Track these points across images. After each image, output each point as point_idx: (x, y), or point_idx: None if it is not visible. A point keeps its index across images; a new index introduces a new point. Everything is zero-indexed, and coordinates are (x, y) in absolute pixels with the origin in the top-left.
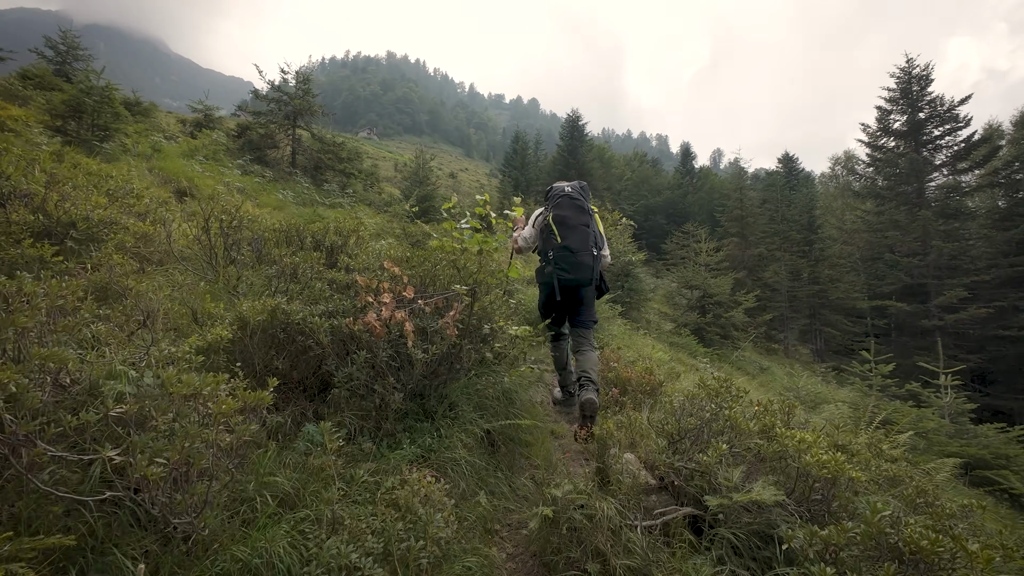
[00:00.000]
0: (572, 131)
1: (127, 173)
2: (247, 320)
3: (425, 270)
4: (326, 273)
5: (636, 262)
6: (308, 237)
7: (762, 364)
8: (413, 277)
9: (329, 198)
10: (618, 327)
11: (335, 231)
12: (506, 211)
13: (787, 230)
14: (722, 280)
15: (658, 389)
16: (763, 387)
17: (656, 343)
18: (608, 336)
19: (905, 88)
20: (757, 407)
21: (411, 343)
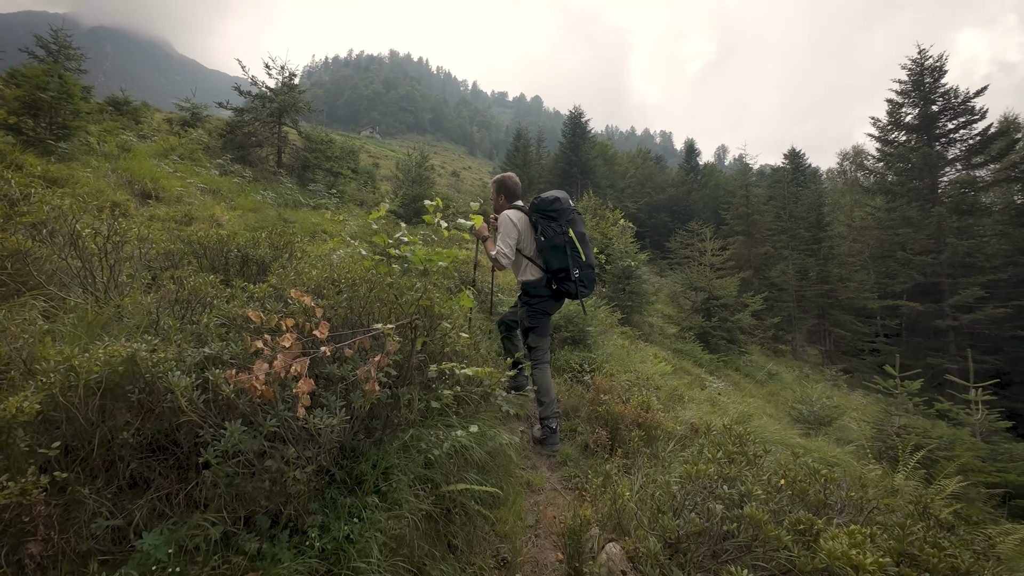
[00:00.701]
0: (574, 128)
1: (78, 174)
2: (81, 376)
3: (355, 299)
4: (229, 302)
5: (638, 264)
6: (234, 250)
7: (770, 369)
8: (336, 308)
9: (314, 199)
10: (615, 341)
11: (269, 242)
12: (460, 219)
13: (795, 227)
14: (728, 281)
15: (656, 429)
16: (772, 397)
17: (659, 351)
18: (602, 356)
19: (917, 80)
20: (783, 479)
21: (302, 412)
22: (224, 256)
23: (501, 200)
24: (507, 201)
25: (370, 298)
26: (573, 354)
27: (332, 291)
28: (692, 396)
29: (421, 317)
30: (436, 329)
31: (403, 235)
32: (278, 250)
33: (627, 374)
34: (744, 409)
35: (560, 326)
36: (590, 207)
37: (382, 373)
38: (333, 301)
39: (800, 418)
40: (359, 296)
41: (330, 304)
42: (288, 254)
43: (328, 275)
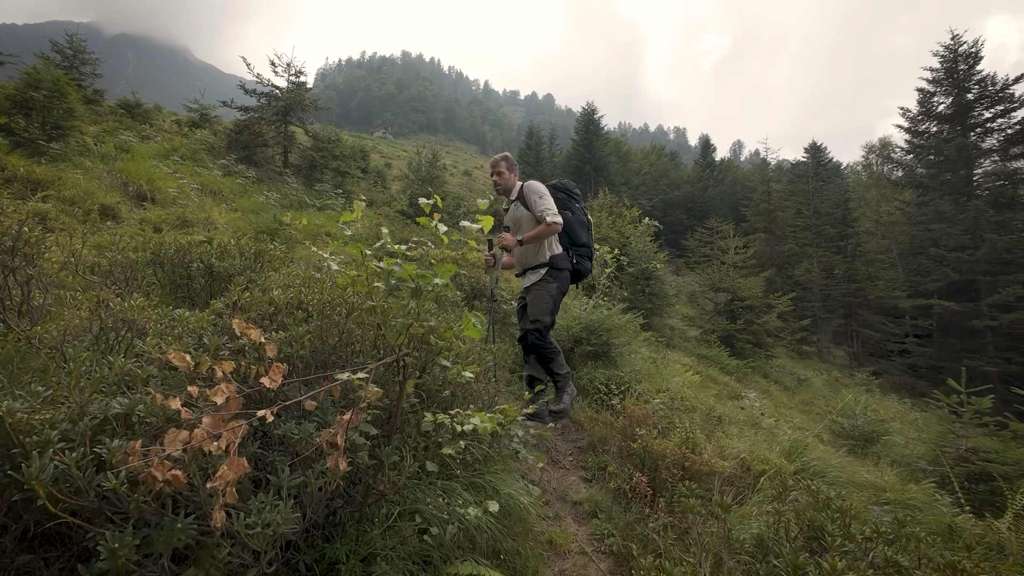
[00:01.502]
0: (587, 125)
1: (67, 176)
2: None
3: (326, 329)
4: (162, 338)
5: (660, 265)
6: (196, 262)
7: (799, 374)
8: (299, 342)
9: (320, 199)
10: (641, 352)
11: (239, 251)
12: (463, 223)
13: (820, 224)
14: (753, 282)
15: (707, 477)
16: (807, 407)
17: (683, 357)
18: (630, 373)
19: (950, 68)
20: None
21: (220, 519)
22: (186, 268)
23: (513, 177)
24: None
25: (346, 328)
26: (597, 371)
27: (299, 317)
28: (730, 415)
29: (414, 349)
30: (432, 365)
31: (386, 243)
32: (249, 260)
33: (660, 395)
34: (796, 437)
35: (581, 339)
36: (605, 205)
37: (357, 433)
38: (295, 333)
39: (843, 433)
40: (331, 326)
41: (290, 338)
42: (261, 264)
43: (295, 295)
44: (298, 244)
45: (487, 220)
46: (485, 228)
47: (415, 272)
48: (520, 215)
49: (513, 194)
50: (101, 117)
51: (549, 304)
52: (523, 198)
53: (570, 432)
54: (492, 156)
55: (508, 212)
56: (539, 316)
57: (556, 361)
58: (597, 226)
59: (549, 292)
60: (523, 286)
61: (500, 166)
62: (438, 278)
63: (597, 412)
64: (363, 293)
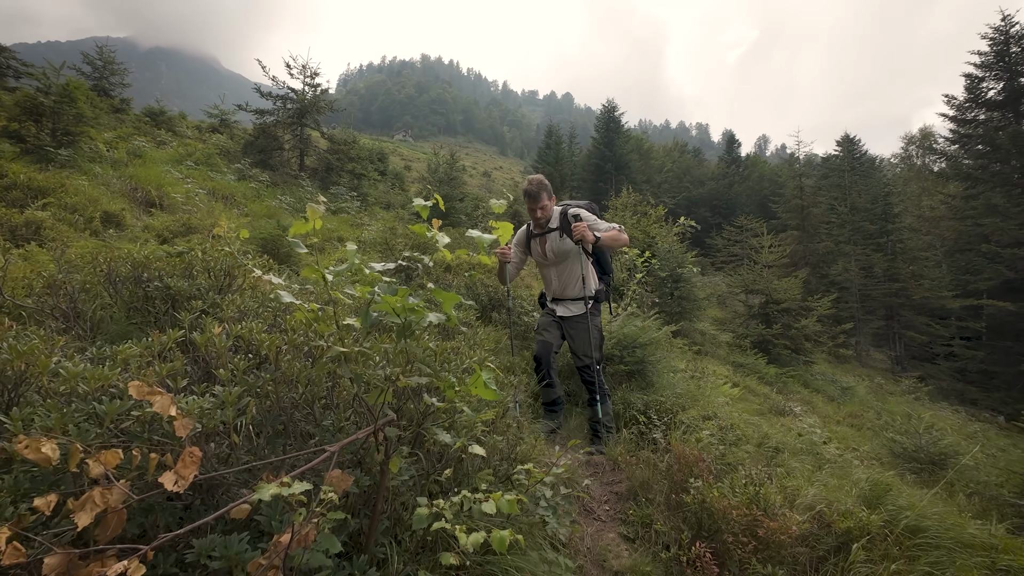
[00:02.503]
0: (608, 122)
1: (72, 182)
2: None
3: (278, 384)
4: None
5: (694, 269)
6: (156, 282)
7: (842, 382)
8: (229, 408)
9: (335, 202)
10: (677, 365)
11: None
12: (471, 231)
13: (857, 220)
14: (789, 283)
15: (785, 550)
16: (856, 421)
17: (717, 366)
18: (670, 397)
19: (1001, 51)
20: None
21: None
22: (143, 288)
23: (552, 202)
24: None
25: (312, 379)
26: (633, 394)
27: (240, 366)
28: (786, 443)
29: (404, 406)
30: (430, 431)
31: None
32: (218, 278)
33: (708, 424)
34: (875, 478)
35: (613, 356)
36: (629, 203)
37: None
38: (225, 397)
39: (904, 454)
40: (285, 380)
41: (218, 406)
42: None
43: (245, 333)
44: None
45: (505, 228)
46: (503, 238)
47: (403, 303)
48: (566, 247)
49: (554, 222)
50: (126, 124)
51: (597, 339)
52: (567, 227)
53: (603, 471)
54: (511, 156)
55: (547, 244)
56: (591, 352)
57: (606, 406)
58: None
59: (597, 327)
60: (558, 314)
61: (543, 199)
62: (435, 312)
63: (636, 448)
64: (325, 335)
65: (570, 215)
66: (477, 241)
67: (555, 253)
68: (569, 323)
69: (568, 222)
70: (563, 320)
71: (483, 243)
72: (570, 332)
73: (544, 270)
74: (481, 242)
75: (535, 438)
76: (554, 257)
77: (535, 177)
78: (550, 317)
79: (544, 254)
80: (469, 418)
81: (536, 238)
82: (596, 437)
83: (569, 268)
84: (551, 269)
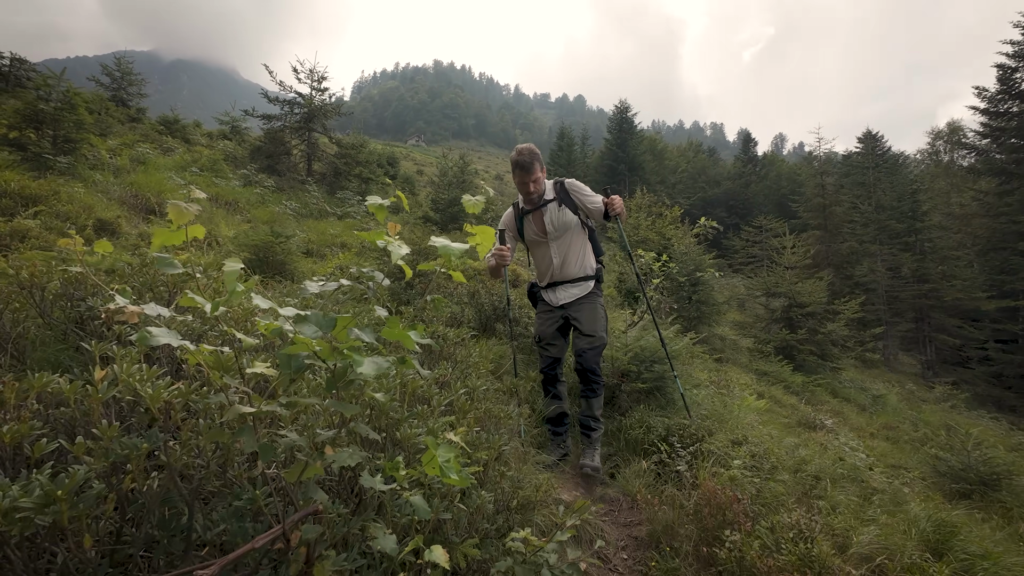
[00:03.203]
0: (621, 123)
1: (66, 189)
2: None
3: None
4: None
5: (716, 273)
6: (88, 300)
7: (872, 389)
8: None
9: (342, 207)
10: (700, 378)
11: (137, 283)
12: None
13: (883, 219)
14: (814, 285)
15: None
16: (890, 433)
17: (740, 373)
18: (696, 420)
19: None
20: None
21: None
22: (75, 310)
23: (544, 174)
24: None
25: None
26: (652, 416)
27: (107, 432)
28: (827, 470)
29: (342, 486)
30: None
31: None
32: (156, 294)
33: (739, 451)
34: (937, 516)
35: (629, 373)
36: (644, 204)
37: None
38: (56, 490)
39: (949, 473)
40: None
41: (43, 502)
42: (168, 301)
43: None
44: (301, 258)
45: (484, 234)
46: (482, 249)
47: (331, 343)
48: (567, 219)
49: (548, 194)
50: (135, 132)
51: (604, 320)
52: (569, 197)
53: (619, 508)
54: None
55: (545, 216)
56: (599, 331)
57: (599, 399)
58: (636, 227)
59: (603, 306)
60: (558, 302)
61: (536, 170)
62: (375, 357)
63: (657, 482)
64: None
65: (567, 184)
66: (442, 252)
67: (556, 226)
68: (573, 307)
69: (565, 191)
70: (565, 308)
71: (452, 255)
72: (575, 315)
73: (539, 249)
74: (448, 254)
75: (541, 476)
76: (554, 231)
77: (525, 146)
78: (549, 315)
79: (542, 229)
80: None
81: (529, 215)
82: (587, 436)
83: (570, 242)
84: (550, 246)
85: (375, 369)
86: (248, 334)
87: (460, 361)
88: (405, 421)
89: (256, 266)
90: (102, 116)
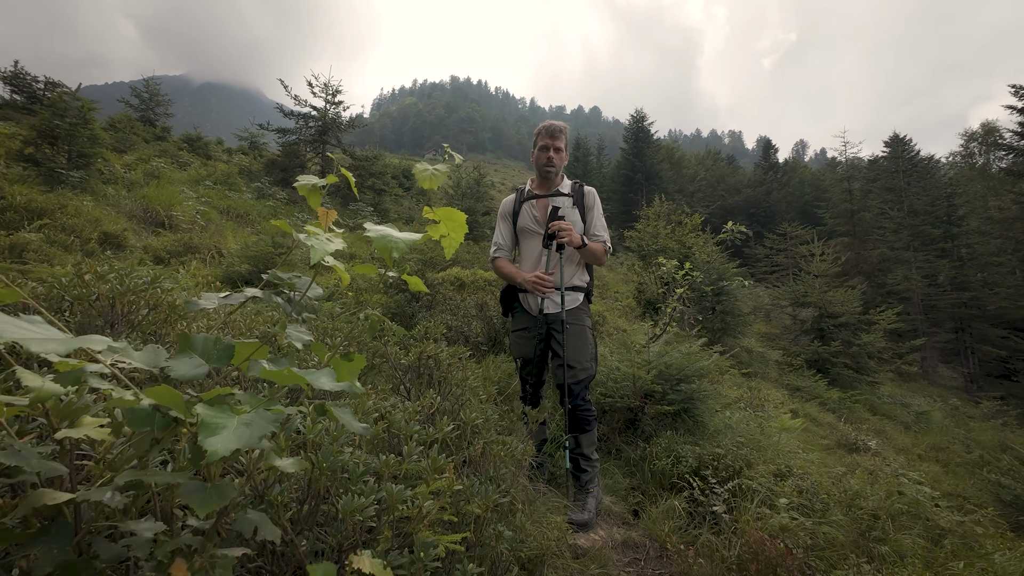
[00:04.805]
0: (637, 132)
1: (75, 203)
2: None
3: None
4: None
5: (744, 283)
6: None
7: (914, 405)
8: None
9: (354, 219)
10: (729, 398)
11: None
12: (371, 226)
13: (917, 224)
14: (847, 295)
15: None
16: (940, 455)
17: (771, 389)
18: (730, 448)
19: None
20: None
21: None
22: None
23: (567, 157)
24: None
25: None
26: (681, 443)
27: None
28: (886, 508)
29: None
30: None
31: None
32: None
33: (784, 487)
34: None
35: (654, 393)
36: (662, 212)
37: None
38: None
39: (1016, 503)
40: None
41: None
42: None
43: None
44: (304, 270)
45: (449, 218)
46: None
47: (179, 397)
48: (572, 219)
49: (565, 187)
50: (150, 147)
51: (593, 348)
52: (582, 202)
53: (645, 557)
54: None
55: (550, 210)
56: (585, 361)
57: (592, 435)
58: (655, 236)
59: (591, 329)
60: (543, 310)
61: (562, 139)
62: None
63: (690, 525)
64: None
65: (588, 189)
66: (379, 246)
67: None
68: (557, 325)
69: (583, 195)
70: (547, 319)
71: (393, 249)
72: (557, 337)
73: (532, 242)
74: (387, 248)
75: (552, 520)
76: None
77: (560, 126)
78: (527, 329)
79: (542, 220)
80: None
81: (534, 200)
82: (576, 479)
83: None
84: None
85: (237, 442)
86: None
87: (457, 385)
88: (342, 492)
89: (256, 278)
90: (127, 134)
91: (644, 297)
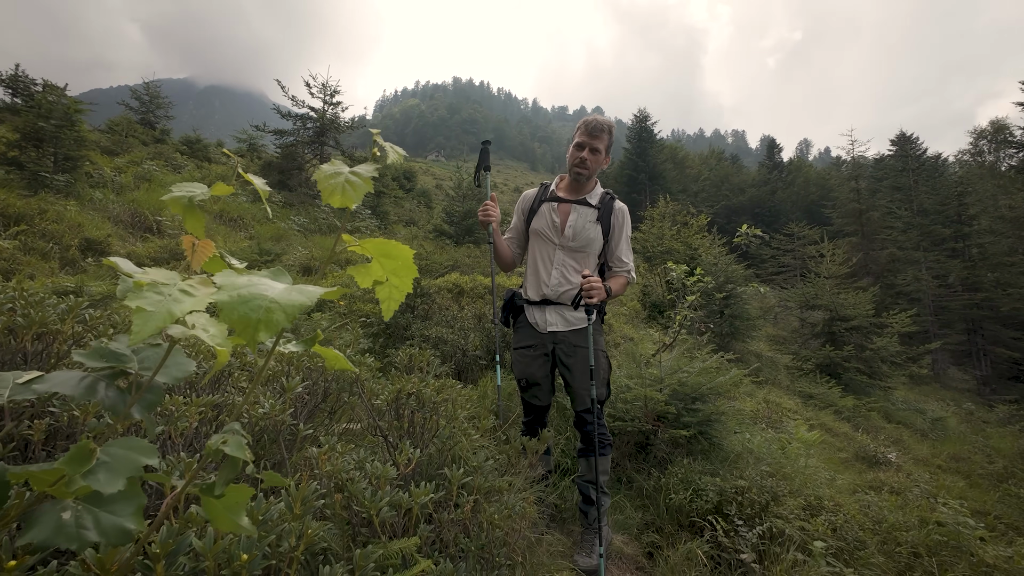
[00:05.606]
0: (640, 132)
1: (56, 208)
2: None
3: None
4: None
5: (761, 289)
6: None
7: (929, 411)
8: None
9: (351, 222)
10: (746, 412)
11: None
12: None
13: (927, 224)
14: (858, 297)
15: None
16: (960, 465)
17: (783, 397)
18: (755, 479)
19: None
20: None
21: None
22: None
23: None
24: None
25: None
26: (699, 473)
27: None
28: (925, 543)
29: None
30: None
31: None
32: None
33: (816, 522)
34: None
35: (666, 415)
36: (667, 213)
37: None
38: None
39: None
40: None
41: None
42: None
43: None
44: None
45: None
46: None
47: None
48: (592, 236)
49: (593, 197)
50: (153, 150)
51: (606, 368)
52: (611, 219)
53: None
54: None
55: (573, 214)
56: (600, 386)
57: (606, 461)
58: (660, 237)
59: (603, 350)
60: (548, 327)
61: (603, 141)
62: None
63: (713, 573)
64: None
65: (618, 206)
66: (232, 321)
67: (576, 231)
68: (565, 347)
69: (610, 210)
70: (553, 339)
71: (261, 325)
72: (567, 360)
73: (542, 248)
74: (248, 322)
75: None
76: (572, 236)
77: (604, 122)
78: (535, 349)
79: (560, 227)
80: None
81: (554, 203)
82: (584, 515)
83: (580, 263)
84: (556, 253)
85: None
86: None
87: (446, 423)
88: None
89: None
90: (124, 137)
91: (649, 300)
